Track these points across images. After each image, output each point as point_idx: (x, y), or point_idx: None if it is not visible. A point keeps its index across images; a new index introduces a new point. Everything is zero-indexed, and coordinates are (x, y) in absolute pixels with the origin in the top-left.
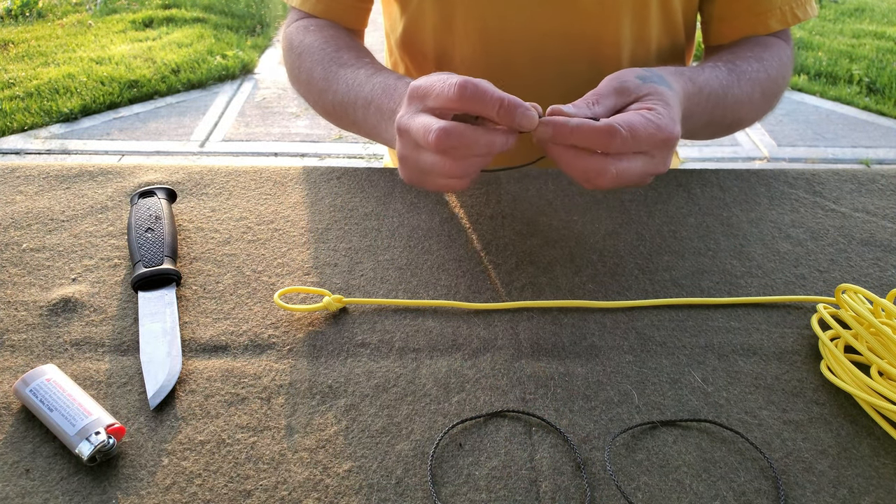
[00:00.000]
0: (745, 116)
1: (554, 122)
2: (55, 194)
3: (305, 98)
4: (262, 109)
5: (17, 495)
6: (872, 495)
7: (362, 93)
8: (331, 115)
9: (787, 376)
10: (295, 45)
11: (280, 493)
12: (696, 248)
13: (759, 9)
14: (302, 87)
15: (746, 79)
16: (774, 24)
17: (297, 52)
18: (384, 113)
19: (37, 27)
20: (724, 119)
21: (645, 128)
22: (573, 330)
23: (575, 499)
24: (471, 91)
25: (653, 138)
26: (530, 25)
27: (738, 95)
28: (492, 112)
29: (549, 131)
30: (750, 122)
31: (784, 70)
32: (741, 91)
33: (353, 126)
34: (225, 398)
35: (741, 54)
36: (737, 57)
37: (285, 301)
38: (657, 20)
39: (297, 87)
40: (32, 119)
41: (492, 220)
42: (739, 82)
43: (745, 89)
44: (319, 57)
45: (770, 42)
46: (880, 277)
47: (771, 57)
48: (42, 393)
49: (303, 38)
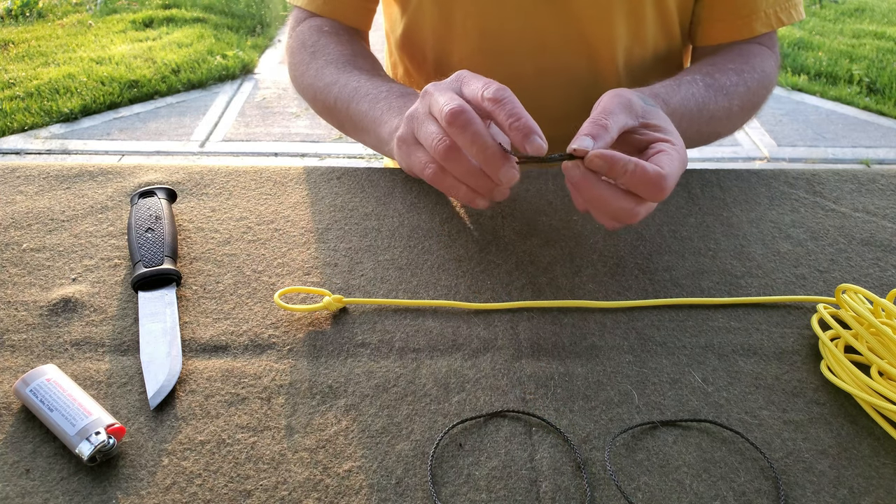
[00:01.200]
0: (722, 130)
1: (610, 156)
2: (55, 194)
3: (306, 93)
4: (263, 109)
5: (18, 495)
6: (872, 495)
7: (375, 91)
8: (330, 109)
9: (788, 376)
10: (309, 43)
11: (280, 493)
12: (696, 248)
13: (744, 11)
14: (307, 83)
15: (724, 93)
16: (759, 28)
17: (311, 51)
18: (392, 110)
19: (37, 27)
20: (698, 135)
21: (674, 177)
22: (573, 330)
23: (575, 499)
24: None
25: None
26: (528, 27)
27: (714, 110)
28: (504, 121)
29: (603, 165)
30: (728, 134)
31: (766, 80)
32: (718, 106)
33: (349, 122)
34: (225, 398)
35: (722, 66)
36: (717, 69)
37: (285, 301)
38: (653, 21)
39: (300, 83)
40: (33, 119)
41: (492, 220)
42: (716, 97)
43: (721, 104)
44: (335, 57)
45: (753, 51)
46: (880, 277)
47: (752, 69)
48: (42, 393)
49: (318, 38)
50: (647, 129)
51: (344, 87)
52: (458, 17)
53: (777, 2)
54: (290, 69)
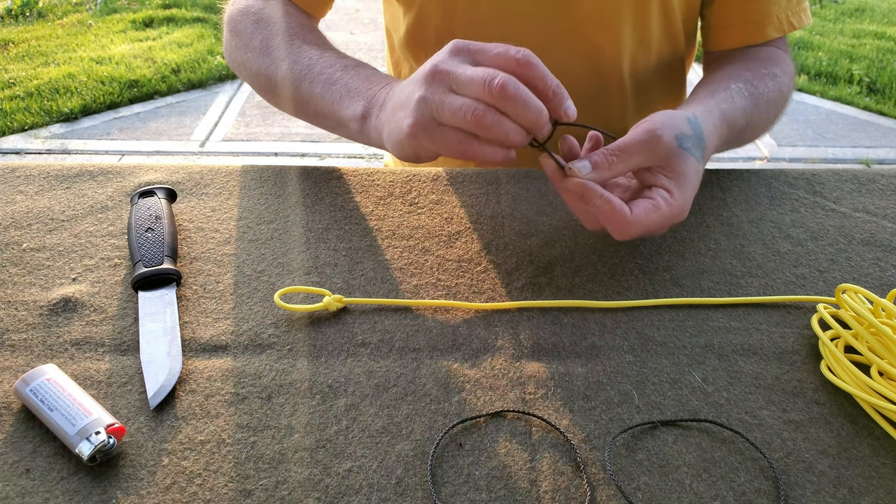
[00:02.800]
0: (755, 137)
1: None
2: (55, 194)
3: (245, 66)
4: (263, 109)
5: (18, 495)
6: (872, 495)
7: (329, 70)
8: (274, 87)
9: (788, 376)
10: (252, 10)
11: (280, 493)
12: (696, 248)
13: (756, 16)
14: (249, 55)
15: (764, 101)
16: (772, 32)
17: (254, 19)
18: (352, 92)
19: (37, 27)
20: (737, 142)
21: (644, 227)
22: (573, 330)
23: (575, 499)
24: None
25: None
26: (532, 31)
27: (757, 123)
28: (548, 88)
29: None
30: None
31: (791, 84)
32: (759, 118)
33: (301, 102)
34: (225, 398)
35: (758, 72)
36: (755, 76)
37: (285, 301)
38: (658, 25)
39: (239, 55)
40: (33, 119)
41: (492, 220)
42: (757, 108)
43: (762, 114)
44: (281, 28)
45: (779, 56)
46: (880, 277)
47: (783, 73)
48: (42, 393)
49: (262, 7)
50: (661, 170)
51: (294, 64)
52: (461, 22)
53: (789, 6)
54: (225, 40)
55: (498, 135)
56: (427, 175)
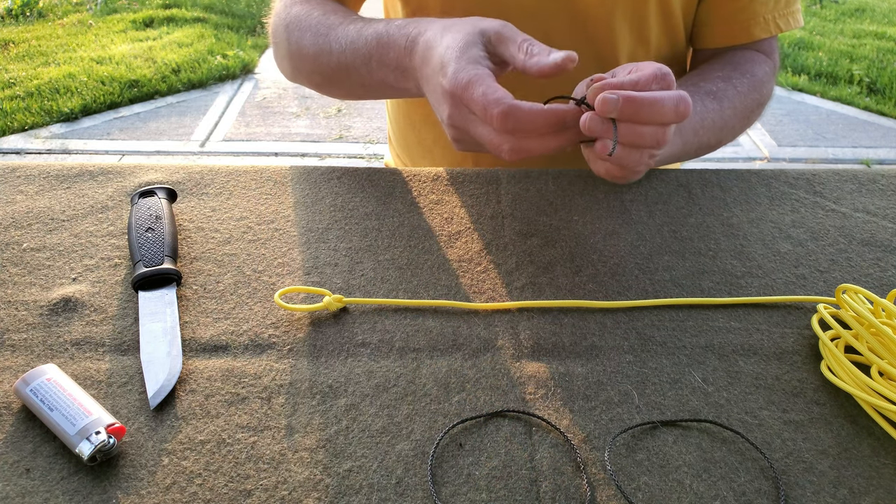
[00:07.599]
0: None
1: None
2: (55, 194)
3: (297, 73)
4: (263, 109)
5: (18, 495)
6: (872, 495)
7: (359, 50)
8: (332, 82)
9: (788, 376)
10: (281, 18)
11: (280, 493)
12: (696, 248)
13: (743, 16)
14: (293, 62)
15: (711, 97)
16: (758, 33)
17: (284, 25)
18: (388, 66)
19: (37, 27)
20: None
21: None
22: (573, 330)
23: (575, 499)
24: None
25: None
26: (532, 28)
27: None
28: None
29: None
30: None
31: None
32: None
33: (361, 88)
34: (225, 398)
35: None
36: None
37: (286, 301)
38: (656, 23)
39: (287, 64)
40: (33, 119)
41: (492, 220)
42: (704, 102)
43: (710, 107)
44: (307, 24)
45: (746, 57)
46: (880, 277)
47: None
48: (42, 392)
49: (288, 11)
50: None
51: (331, 56)
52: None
53: (776, 8)
54: (274, 55)
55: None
56: (427, 175)
